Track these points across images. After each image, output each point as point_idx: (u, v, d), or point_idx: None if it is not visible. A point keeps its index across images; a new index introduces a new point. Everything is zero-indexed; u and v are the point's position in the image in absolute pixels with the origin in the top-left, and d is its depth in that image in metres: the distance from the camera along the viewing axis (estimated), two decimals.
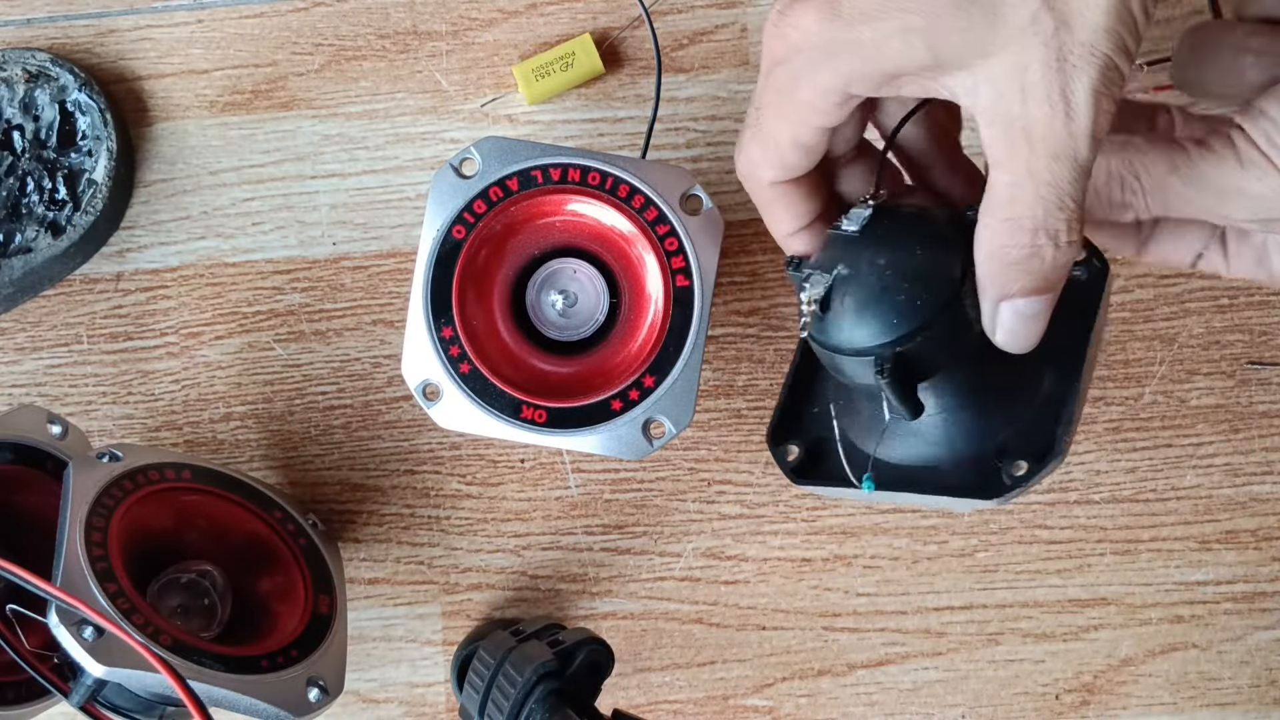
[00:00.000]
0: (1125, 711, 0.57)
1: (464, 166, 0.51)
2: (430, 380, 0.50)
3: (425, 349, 0.50)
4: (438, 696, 0.58)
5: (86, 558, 0.46)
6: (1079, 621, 0.57)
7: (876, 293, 0.40)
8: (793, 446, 0.49)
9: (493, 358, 0.51)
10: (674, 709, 0.58)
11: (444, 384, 0.50)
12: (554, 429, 0.50)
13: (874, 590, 0.58)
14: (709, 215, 0.51)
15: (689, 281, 0.50)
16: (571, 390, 0.51)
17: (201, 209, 0.60)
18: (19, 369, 0.59)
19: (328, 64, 0.60)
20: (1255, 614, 0.57)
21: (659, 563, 0.58)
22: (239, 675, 0.47)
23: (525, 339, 0.52)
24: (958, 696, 0.57)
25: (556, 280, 0.53)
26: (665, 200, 0.51)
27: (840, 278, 0.41)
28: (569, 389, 0.51)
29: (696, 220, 0.51)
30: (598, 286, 0.52)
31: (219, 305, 0.59)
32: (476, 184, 0.51)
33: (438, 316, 0.50)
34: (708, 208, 0.51)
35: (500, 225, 0.51)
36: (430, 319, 0.50)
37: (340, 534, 0.59)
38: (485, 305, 0.52)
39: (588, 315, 0.53)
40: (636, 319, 0.52)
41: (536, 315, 0.53)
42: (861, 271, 0.40)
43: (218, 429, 0.59)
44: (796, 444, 0.49)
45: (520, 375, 0.51)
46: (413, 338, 0.50)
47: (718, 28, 0.59)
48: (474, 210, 0.51)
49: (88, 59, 0.60)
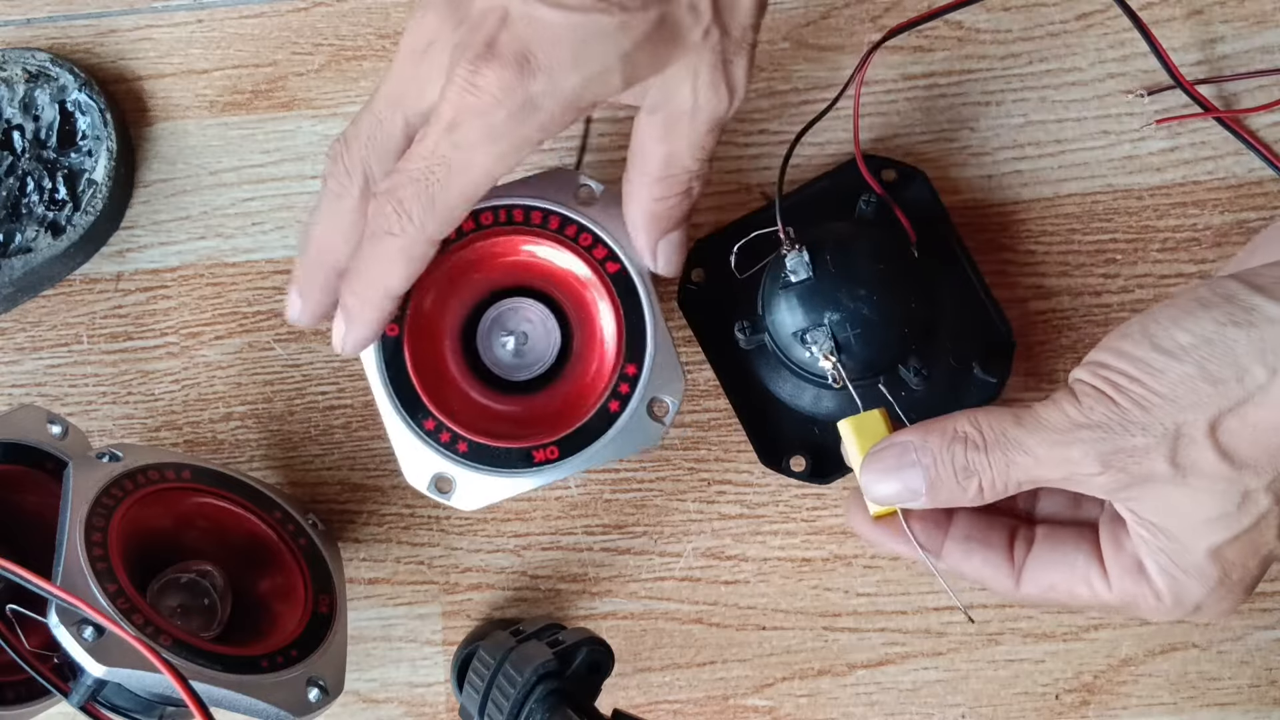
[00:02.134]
0: (1125, 711, 0.57)
1: None
2: (437, 474, 0.50)
3: (417, 448, 0.50)
4: (438, 696, 0.58)
5: (86, 558, 0.46)
6: (1079, 621, 0.57)
7: (876, 324, 0.49)
8: (795, 460, 0.53)
9: (480, 424, 0.51)
10: (674, 709, 0.58)
11: (451, 471, 0.50)
12: (569, 457, 0.50)
13: (874, 590, 0.58)
14: (606, 197, 0.52)
15: (619, 264, 0.51)
16: (566, 415, 0.51)
17: (201, 209, 0.60)
18: (19, 369, 0.59)
19: (328, 64, 0.60)
20: (1255, 614, 0.57)
21: (659, 563, 0.58)
22: (239, 675, 0.47)
23: (495, 391, 0.53)
24: (958, 696, 0.57)
25: (503, 324, 0.54)
26: (560, 204, 0.51)
27: (835, 323, 0.49)
28: (561, 417, 0.51)
29: (596, 208, 0.51)
30: (542, 317, 0.53)
31: (219, 305, 0.59)
32: None
33: (413, 414, 0.50)
34: (600, 191, 0.52)
35: (428, 298, 0.52)
36: (408, 421, 0.50)
37: (340, 534, 0.59)
38: (447, 378, 0.52)
39: (543, 345, 0.53)
40: (589, 328, 0.52)
41: (495, 363, 0.53)
42: (849, 310, 0.49)
43: (218, 429, 0.59)
44: (795, 457, 0.56)
45: (511, 426, 0.51)
46: (399, 443, 0.51)
47: None
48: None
49: (88, 59, 0.60)
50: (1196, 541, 0.41)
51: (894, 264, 0.51)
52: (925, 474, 0.42)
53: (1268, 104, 0.58)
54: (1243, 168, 0.58)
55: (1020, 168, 0.58)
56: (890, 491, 0.43)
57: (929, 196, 0.56)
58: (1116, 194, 0.58)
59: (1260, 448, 0.39)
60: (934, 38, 0.59)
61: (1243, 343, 0.38)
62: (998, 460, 0.41)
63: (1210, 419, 0.39)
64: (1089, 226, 0.58)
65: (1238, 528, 0.40)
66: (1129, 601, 0.43)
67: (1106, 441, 0.39)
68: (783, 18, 0.59)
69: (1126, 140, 0.58)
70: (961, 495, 0.42)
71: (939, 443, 0.42)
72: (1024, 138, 0.59)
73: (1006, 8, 0.59)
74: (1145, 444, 0.39)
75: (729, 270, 0.53)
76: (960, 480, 0.42)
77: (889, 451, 0.43)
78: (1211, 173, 0.58)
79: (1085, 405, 0.40)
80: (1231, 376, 0.38)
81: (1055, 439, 0.40)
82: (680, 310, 0.57)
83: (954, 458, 0.42)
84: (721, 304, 0.56)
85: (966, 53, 0.59)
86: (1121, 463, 0.39)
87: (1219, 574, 0.41)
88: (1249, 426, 0.38)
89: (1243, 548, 0.41)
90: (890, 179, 0.56)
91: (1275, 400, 0.38)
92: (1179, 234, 0.58)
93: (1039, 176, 0.58)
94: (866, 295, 0.49)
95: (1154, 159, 0.58)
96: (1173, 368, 0.39)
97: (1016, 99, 0.59)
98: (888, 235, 0.53)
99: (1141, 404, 0.39)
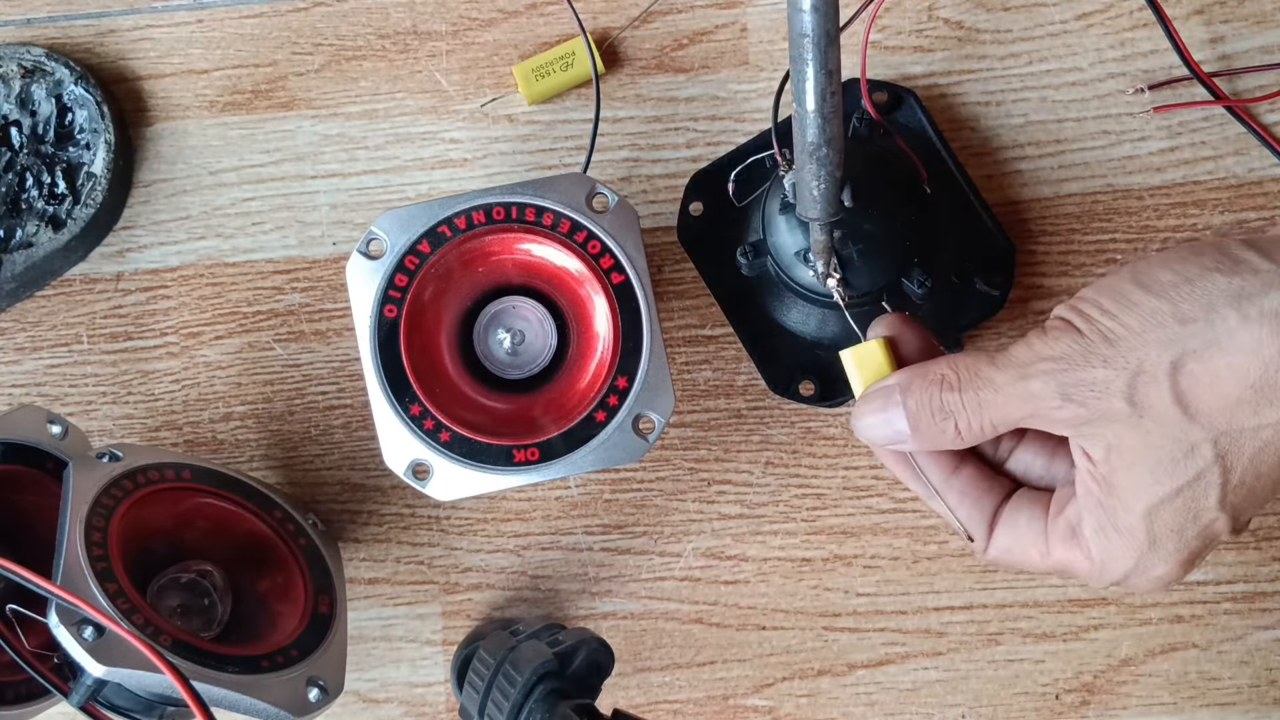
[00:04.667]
0: (1125, 711, 0.57)
1: (372, 248, 0.51)
2: (415, 460, 0.50)
3: (399, 433, 0.50)
4: (438, 696, 0.58)
5: (86, 558, 0.46)
6: (1079, 621, 0.57)
7: (876, 238, 0.50)
8: (804, 385, 0.56)
9: (465, 416, 0.51)
10: (674, 709, 0.58)
11: (430, 459, 0.50)
12: (550, 461, 0.50)
13: (874, 590, 0.58)
14: (619, 208, 0.51)
15: (624, 276, 0.51)
16: (551, 419, 0.51)
17: (201, 209, 0.60)
18: (19, 369, 0.59)
19: (328, 64, 0.60)
20: (1255, 614, 0.57)
21: (659, 563, 0.58)
22: (239, 675, 0.47)
23: (486, 387, 0.53)
24: (958, 696, 0.57)
25: (501, 321, 0.53)
26: (573, 209, 0.51)
27: (836, 240, 0.48)
28: (547, 420, 0.51)
29: (608, 217, 0.51)
30: (540, 317, 0.53)
31: (219, 305, 0.59)
32: (389, 259, 0.51)
33: (400, 398, 0.50)
34: (614, 202, 0.51)
35: (428, 288, 0.51)
36: (394, 403, 0.50)
37: (340, 534, 0.59)
38: (439, 367, 0.52)
39: (539, 346, 0.53)
40: (586, 334, 0.52)
41: (489, 359, 0.53)
42: (849, 225, 0.49)
43: (218, 429, 0.59)
44: (803, 382, 0.56)
45: (496, 422, 0.51)
46: (383, 425, 0.50)
47: (718, 27, 0.59)
48: (396, 285, 0.51)
49: (88, 59, 0.60)
50: (1135, 499, 0.40)
51: (890, 177, 0.51)
52: (908, 416, 0.43)
53: (1273, 93, 0.57)
54: (1243, 168, 0.58)
55: (1020, 168, 0.58)
56: (879, 434, 0.44)
57: (921, 117, 0.57)
58: (1116, 194, 0.58)
59: (1216, 397, 0.38)
60: (934, 38, 0.59)
61: (1222, 285, 0.38)
62: (970, 400, 0.42)
63: (1174, 358, 0.38)
64: (1089, 226, 0.58)
65: (1178, 481, 0.40)
66: (1064, 565, 0.43)
67: (1068, 373, 0.40)
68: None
69: (1126, 140, 0.58)
70: (942, 437, 0.43)
71: (920, 385, 0.43)
72: (1024, 138, 0.59)
73: (1006, 8, 0.59)
74: (1106, 377, 0.39)
75: (727, 201, 0.53)
76: (938, 421, 0.42)
77: (877, 394, 0.44)
78: (1211, 173, 0.58)
79: (1052, 338, 0.40)
80: (1202, 317, 0.38)
81: (1020, 372, 0.41)
82: (680, 244, 0.57)
83: (932, 399, 0.42)
84: (721, 235, 0.56)
85: (966, 53, 0.59)
86: (1082, 396, 0.39)
87: (1147, 537, 0.41)
88: (1210, 373, 0.38)
89: (1179, 510, 0.40)
90: (881, 100, 0.57)
91: (1241, 347, 0.38)
92: (1179, 234, 0.58)
93: (1039, 176, 0.58)
94: (865, 209, 0.49)
95: (1154, 159, 0.58)
96: (1147, 302, 0.39)
97: (1016, 99, 0.59)
98: (883, 149, 0.53)
99: (1109, 337, 0.39)
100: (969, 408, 0.42)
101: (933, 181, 0.54)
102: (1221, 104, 0.57)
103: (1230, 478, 0.40)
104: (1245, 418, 0.38)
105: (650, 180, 0.59)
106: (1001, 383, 0.41)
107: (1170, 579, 0.42)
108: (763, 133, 0.58)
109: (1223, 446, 0.39)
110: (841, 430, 0.58)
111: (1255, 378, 0.38)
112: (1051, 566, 0.44)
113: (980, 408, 0.42)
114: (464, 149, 0.59)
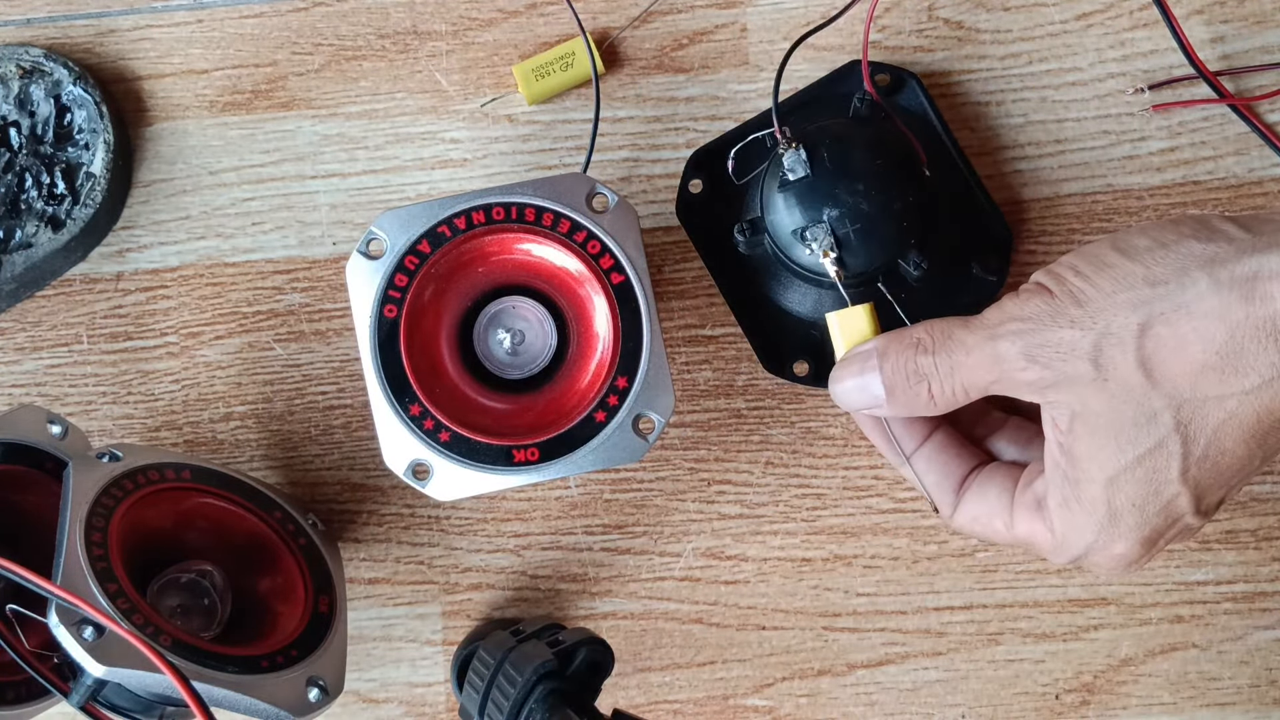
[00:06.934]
0: (1125, 711, 0.57)
1: (372, 248, 0.51)
2: (415, 460, 0.50)
3: (399, 433, 0.50)
4: (438, 696, 0.58)
5: (86, 558, 0.46)
6: (1079, 621, 0.57)
7: (874, 218, 0.50)
8: (798, 365, 0.56)
9: (465, 417, 0.51)
10: (674, 709, 0.58)
11: (430, 459, 0.50)
12: (550, 461, 0.50)
13: (874, 590, 0.58)
14: (619, 208, 0.51)
15: (624, 276, 0.51)
16: (551, 420, 0.51)
17: (201, 209, 0.60)
18: (19, 369, 0.59)
19: (328, 64, 0.60)
20: (1255, 614, 0.57)
21: (659, 563, 0.58)
22: (239, 675, 0.47)
23: (486, 387, 0.52)
24: (958, 696, 0.57)
25: (501, 321, 0.53)
26: (573, 208, 0.51)
27: (834, 219, 0.50)
28: (547, 420, 0.51)
29: (608, 217, 0.51)
30: (540, 317, 0.53)
31: (219, 305, 0.59)
32: (389, 259, 0.50)
33: (400, 398, 0.50)
34: (614, 202, 0.51)
35: (428, 288, 0.51)
36: (394, 403, 0.50)
37: (340, 534, 0.59)
38: (439, 367, 0.52)
39: (539, 346, 0.53)
40: (586, 334, 0.52)
41: (489, 359, 0.53)
42: (847, 205, 0.50)
43: (218, 429, 0.59)
44: (798, 361, 0.57)
45: (496, 422, 0.51)
46: (383, 425, 0.50)
47: (718, 27, 0.59)
48: (396, 285, 0.50)
49: (87, 59, 0.60)
50: (1097, 469, 0.40)
51: (890, 158, 0.51)
52: (884, 380, 0.43)
53: (1272, 92, 0.57)
54: (1243, 168, 0.58)
55: (1020, 168, 0.58)
56: (856, 398, 0.44)
57: (922, 100, 0.57)
58: (1116, 194, 0.58)
59: (1181, 362, 0.38)
60: (934, 38, 0.59)
61: (1196, 251, 0.38)
62: (943, 362, 0.42)
63: (1141, 320, 0.38)
64: (1089, 226, 0.58)
65: (1139, 449, 0.39)
66: (1027, 538, 0.43)
67: (1035, 334, 0.40)
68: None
69: (1126, 140, 0.58)
70: (916, 401, 0.43)
71: (896, 349, 0.43)
72: (1024, 138, 0.59)
73: (1006, 8, 0.59)
74: (1072, 338, 0.39)
75: (726, 179, 0.53)
76: (913, 385, 0.42)
77: (855, 359, 0.44)
78: (1211, 173, 0.58)
79: (1023, 299, 0.40)
80: (1173, 279, 0.38)
81: (989, 334, 0.41)
82: (679, 220, 0.57)
83: (907, 363, 0.43)
84: (720, 213, 0.57)
85: (966, 53, 0.59)
86: (1046, 357, 0.39)
87: (1108, 510, 0.40)
88: (1176, 336, 0.38)
89: (1140, 482, 0.40)
90: (883, 82, 0.57)
91: (1208, 311, 0.37)
92: None
93: (1039, 176, 0.58)
94: (864, 190, 0.50)
95: (1154, 159, 0.58)
96: (1121, 264, 0.39)
97: (1016, 99, 0.59)
98: (883, 130, 0.53)
99: (1079, 298, 0.39)
100: (941, 370, 0.42)
101: (932, 165, 0.54)
102: (1224, 102, 0.57)
103: (1192, 449, 0.39)
104: (1210, 385, 0.38)
105: (650, 180, 0.59)
106: (972, 345, 0.41)
107: (1131, 559, 0.42)
108: (763, 112, 0.58)
109: (1185, 415, 0.39)
110: (842, 430, 0.58)
111: (1220, 343, 0.37)
112: (1015, 539, 0.44)
113: (952, 370, 0.42)
114: (464, 149, 0.59)
